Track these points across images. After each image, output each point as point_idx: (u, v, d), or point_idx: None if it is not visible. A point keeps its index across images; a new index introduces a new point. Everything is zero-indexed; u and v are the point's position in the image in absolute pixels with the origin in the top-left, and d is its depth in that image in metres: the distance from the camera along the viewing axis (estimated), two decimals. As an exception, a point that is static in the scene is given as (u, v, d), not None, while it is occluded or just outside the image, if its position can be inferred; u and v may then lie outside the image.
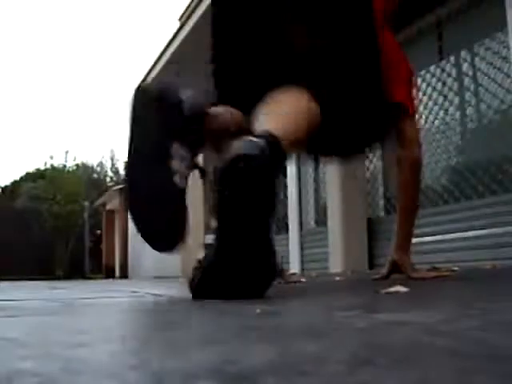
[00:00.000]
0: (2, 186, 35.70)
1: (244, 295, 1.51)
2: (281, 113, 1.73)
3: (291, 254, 7.27)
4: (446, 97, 5.18)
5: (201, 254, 1.66)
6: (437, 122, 5.33)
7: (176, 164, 1.79)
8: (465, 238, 4.78)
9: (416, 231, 2.66)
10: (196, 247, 9.86)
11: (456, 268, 3.32)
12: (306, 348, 0.69)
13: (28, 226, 20.65)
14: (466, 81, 5.05)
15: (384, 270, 2.65)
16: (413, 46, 5.50)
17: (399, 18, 2.65)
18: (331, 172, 6.08)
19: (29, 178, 32.69)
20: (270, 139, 1.55)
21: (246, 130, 1.73)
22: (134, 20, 76.48)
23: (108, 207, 20.02)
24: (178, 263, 10.32)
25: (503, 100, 4.61)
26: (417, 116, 2.65)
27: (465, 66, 5.09)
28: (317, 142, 1.94)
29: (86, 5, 76.25)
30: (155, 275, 12.03)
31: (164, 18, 72.18)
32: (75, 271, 20.08)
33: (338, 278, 3.57)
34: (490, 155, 4.72)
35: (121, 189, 17.19)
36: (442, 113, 5.27)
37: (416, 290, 2.02)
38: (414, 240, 2.69)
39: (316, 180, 7.19)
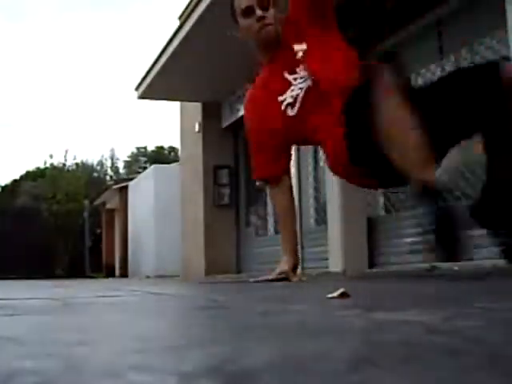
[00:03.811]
0: (2, 185, 35.73)
1: None
2: None
3: (291, 252, 7.27)
4: (446, 96, 5.18)
5: None
6: (437, 120, 5.33)
7: None
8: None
9: (416, 230, 2.65)
10: (195, 246, 9.84)
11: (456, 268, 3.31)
12: (306, 347, 0.69)
13: (28, 224, 20.62)
14: (466, 80, 5.05)
15: None
16: (413, 45, 5.50)
17: (399, 17, 2.65)
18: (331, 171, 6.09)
19: (29, 176, 32.69)
20: None
21: None
22: (134, 19, 76.44)
23: (108, 206, 20.01)
24: (178, 262, 10.32)
25: (503, 99, 4.61)
26: None
27: (465, 65, 5.08)
28: None
29: (85, 4, 76.21)
30: (155, 274, 12.03)
31: (164, 17, 72.16)
32: (75, 270, 20.05)
33: (337, 277, 3.57)
34: (489, 154, 4.72)
35: (120, 188, 17.19)
36: (441, 112, 5.27)
37: (416, 289, 2.02)
38: (414, 239, 2.69)
39: (316, 179, 7.19)
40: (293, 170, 7.33)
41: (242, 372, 0.54)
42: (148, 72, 8.51)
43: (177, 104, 10.51)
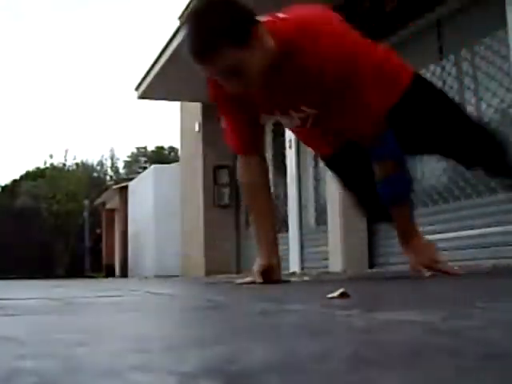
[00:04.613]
0: (2, 185, 35.71)
1: None
2: None
3: (291, 252, 7.27)
4: (445, 96, 5.18)
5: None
6: (437, 120, 5.32)
7: None
8: (465, 237, 4.78)
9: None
10: (195, 247, 9.82)
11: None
12: (306, 347, 0.69)
13: (28, 225, 20.63)
14: (466, 80, 5.05)
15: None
16: (413, 45, 5.50)
17: (399, 17, 2.65)
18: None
19: (29, 176, 32.70)
20: None
21: None
22: (134, 19, 76.47)
23: (108, 206, 20.01)
24: (178, 262, 10.32)
25: (503, 99, 4.61)
26: None
27: (465, 65, 5.08)
28: None
29: (85, 3, 76.25)
30: (155, 274, 12.03)
31: (164, 17, 72.15)
32: (75, 270, 20.06)
33: (338, 277, 3.57)
34: (489, 154, 4.72)
35: (120, 188, 17.18)
36: (441, 112, 5.27)
37: (416, 289, 2.02)
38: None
39: (316, 179, 7.19)
40: (293, 170, 7.33)
41: (242, 372, 0.54)
42: (148, 72, 8.51)
43: (177, 104, 10.51)
